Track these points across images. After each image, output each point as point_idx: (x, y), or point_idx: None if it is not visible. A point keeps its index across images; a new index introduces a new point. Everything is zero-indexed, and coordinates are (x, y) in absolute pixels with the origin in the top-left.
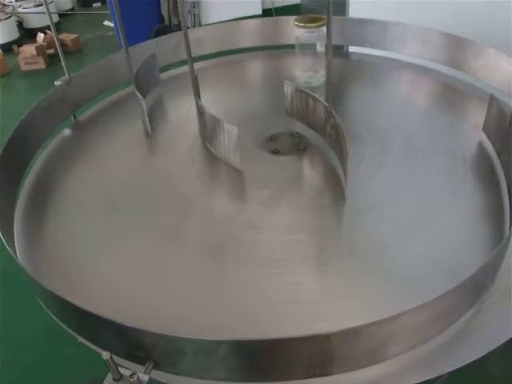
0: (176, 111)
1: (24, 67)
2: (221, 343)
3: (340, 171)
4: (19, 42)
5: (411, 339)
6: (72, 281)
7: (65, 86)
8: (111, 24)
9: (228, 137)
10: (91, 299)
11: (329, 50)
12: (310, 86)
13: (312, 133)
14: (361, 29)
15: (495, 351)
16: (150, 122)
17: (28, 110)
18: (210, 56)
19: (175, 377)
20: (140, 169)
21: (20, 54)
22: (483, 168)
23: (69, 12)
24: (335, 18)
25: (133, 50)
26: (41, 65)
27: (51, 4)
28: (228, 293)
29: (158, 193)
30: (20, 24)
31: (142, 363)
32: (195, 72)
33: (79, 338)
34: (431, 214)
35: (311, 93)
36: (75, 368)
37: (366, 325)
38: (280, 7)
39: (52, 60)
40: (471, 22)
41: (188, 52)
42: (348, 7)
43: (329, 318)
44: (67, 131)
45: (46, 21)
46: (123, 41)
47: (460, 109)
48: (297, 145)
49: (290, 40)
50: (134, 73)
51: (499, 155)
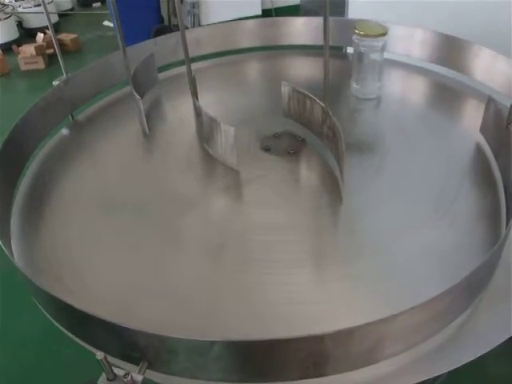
0: (174, 111)
1: (23, 67)
2: (214, 343)
3: (337, 172)
4: (19, 42)
5: (406, 340)
6: (69, 281)
7: (62, 86)
8: (111, 24)
9: (225, 137)
10: (88, 299)
11: (326, 51)
12: (367, 98)
13: (309, 133)
14: None
15: (494, 351)
16: (148, 122)
17: (26, 110)
18: (210, 56)
19: (169, 377)
20: (137, 169)
21: (19, 54)
22: (480, 169)
23: (68, 12)
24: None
25: (131, 50)
26: (40, 65)
27: (51, 4)
28: (225, 293)
29: (155, 193)
30: (20, 24)
31: (136, 363)
32: (193, 72)
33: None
34: (428, 216)
35: (308, 93)
36: (72, 368)
37: (361, 326)
38: (280, 7)
39: (52, 60)
40: (471, 24)
41: (185, 53)
42: (347, 7)
43: (326, 319)
44: (65, 131)
45: (46, 21)
46: (120, 40)
47: (457, 110)
48: (294, 145)
49: (290, 40)
50: (132, 73)
51: (496, 156)
